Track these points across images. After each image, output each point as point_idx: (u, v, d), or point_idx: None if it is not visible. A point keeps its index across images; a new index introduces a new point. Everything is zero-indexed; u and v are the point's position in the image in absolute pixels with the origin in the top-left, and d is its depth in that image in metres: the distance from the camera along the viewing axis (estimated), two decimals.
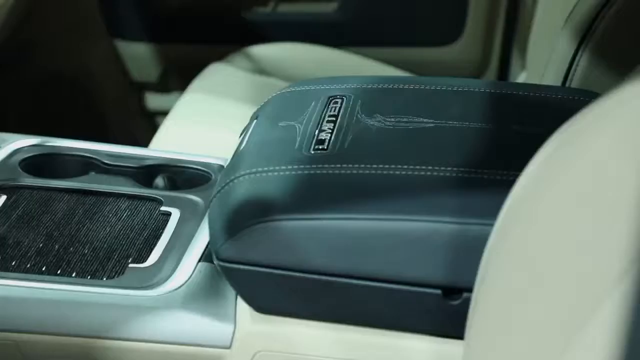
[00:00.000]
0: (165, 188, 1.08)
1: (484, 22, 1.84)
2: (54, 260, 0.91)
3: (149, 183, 1.08)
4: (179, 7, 1.92)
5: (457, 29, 1.84)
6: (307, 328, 0.84)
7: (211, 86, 1.64)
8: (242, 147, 0.92)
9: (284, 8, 1.91)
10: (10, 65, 1.90)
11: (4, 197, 0.99)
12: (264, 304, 0.84)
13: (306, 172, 0.84)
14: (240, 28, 1.91)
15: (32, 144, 1.11)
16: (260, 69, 1.74)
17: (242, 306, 0.86)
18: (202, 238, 0.95)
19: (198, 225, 0.97)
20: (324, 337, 0.84)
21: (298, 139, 0.89)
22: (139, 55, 1.95)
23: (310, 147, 0.87)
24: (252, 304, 0.85)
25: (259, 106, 1.55)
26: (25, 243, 0.93)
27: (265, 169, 0.85)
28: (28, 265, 0.90)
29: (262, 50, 1.78)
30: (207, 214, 0.98)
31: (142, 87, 1.99)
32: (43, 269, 0.90)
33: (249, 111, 1.62)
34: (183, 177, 1.10)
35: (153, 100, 2.01)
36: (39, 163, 1.09)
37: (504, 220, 0.66)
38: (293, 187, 0.83)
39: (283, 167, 0.85)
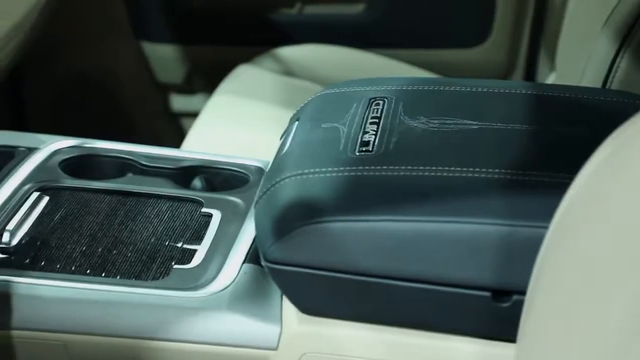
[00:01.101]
0: (203, 189, 1.09)
1: (511, 24, 1.84)
2: (98, 262, 0.92)
3: (186, 184, 1.09)
4: (204, 9, 1.93)
5: (485, 31, 1.84)
6: (354, 330, 0.84)
7: (240, 88, 1.65)
8: (285, 149, 0.92)
9: (309, 9, 1.91)
10: (36, 65, 1.92)
11: (46, 198, 0.99)
12: (311, 306, 0.85)
13: (352, 173, 0.84)
14: (266, 30, 1.92)
15: (71, 145, 1.12)
16: (288, 71, 1.74)
17: (288, 307, 0.86)
18: (245, 239, 0.95)
19: (240, 226, 0.97)
20: (371, 338, 0.84)
21: (342, 140, 0.90)
22: (164, 57, 1.95)
23: (355, 148, 0.88)
24: (299, 306, 0.85)
25: (298, 108, 1.56)
26: (70, 244, 0.94)
27: (311, 170, 0.86)
28: (73, 267, 0.91)
29: (290, 52, 1.79)
30: (248, 216, 0.99)
31: (167, 89, 2.00)
32: (88, 270, 0.91)
33: (279, 112, 1.64)
34: (220, 178, 1.11)
35: (178, 102, 2.02)
36: (78, 164, 1.09)
37: (560, 222, 0.66)
38: (340, 188, 0.83)
39: (329, 169, 0.85)
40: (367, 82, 1.04)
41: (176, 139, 2.10)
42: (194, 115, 2.09)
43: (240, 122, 1.53)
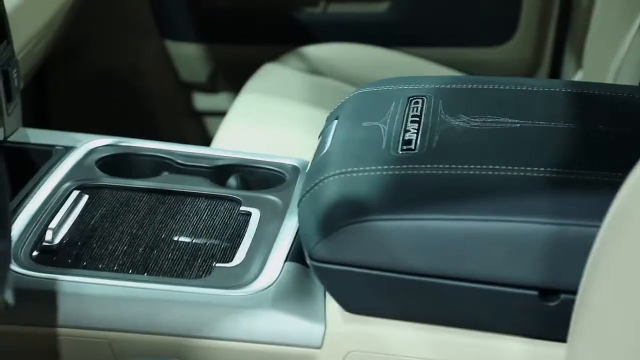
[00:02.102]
0: (238, 188, 1.09)
1: (537, 22, 1.84)
2: (141, 260, 0.92)
3: (222, 183, 1.09)
4: (228, 8, 1.93)
5: (510, 29, 1.84)
6: (399, 328, 0.84)
7: (267, 86, 1.65)
8: (326, 148, 0.92)
9: (334, 8, 1.91)
10: (61, 63, 1.93)
11: (85, 197, 0.99)
12: (356, 304, 0.85)
13: (397, 172, 0.84)
14: (290, 28, 1.92)
15: (106, 143, 1.12)
16: (314, 69, 1.74)
17: (332, 306, 0.87)
18: (285, 238, 0.95)
19: (279, 225, 0.97)
20: (416, 337, 0.84)
21: (384, 139, 0.90)
22: (188, 56, 1.96)
23: (397, 147, 0.88)
24: (344, 304, 0.85)
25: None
26: (111, 243, 0.94)
27: (355, 169, 0.86)
28: (116, 265, 0.91)
29: (315, 51, 1.79)
30: (287, 214, 0.99)
31: (191, 87, 2.01)
32: (131, 268, 0.91)
33: (307, 111, 1.65)
34: (255, 177, 1.11)
35: (201, 101, 2.03)
36: (114, 163, 1.10)
37: (613, 221, 0.65)
38: (385, 187, 0.83)
39: (373, 168, 0.85)
40: (403, 80, 1.04)
41: (199, 138, 2.11)
42: (217, 114, 2.10)
43: (269, 121, 1.53)
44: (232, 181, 1.11)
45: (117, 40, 1.96)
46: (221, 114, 2.05)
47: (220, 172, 1.09)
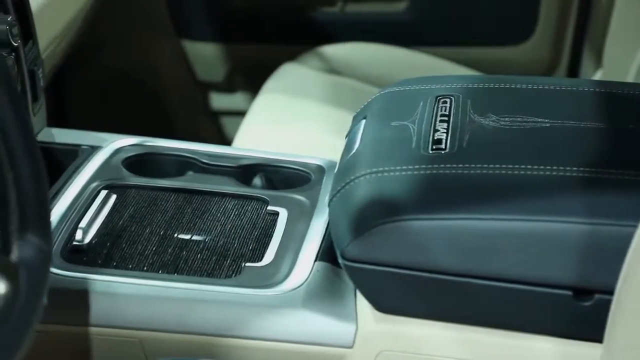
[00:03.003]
0: (263, 187, 1.09)
1: (555, 21, 1.84)
2: (171, 259, 0.92)
3: (246, 182, 1.09)
4: (245, 8, 1.93)
5: (529, 28, 1.84)
6: (431, 328, 0.84)
7: (286, 86, 1.65)
8: (356, 147, 0.92)
9: (352, 8, 1.91)
10: (78, 63, 1.93)
11: (114, 196, 1.00)
12: (388, 304, 0.85)
13: (428, 171, 0.84)
14: (307, 28, 1.92)
15: (132, 143, 1.12)
16: (333, 69, 1.74)
17: (363, 305, 0.87)
18: (314, 237, 0.95)
19: (307, 224, 0.97)
20: (448, 337, 0.84)
21: (414, 138, 0.90)
22: (205, 55, 1.96)
23: (428, 146, 0.88)
24: (375, 304, 0.85)
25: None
26: (141, 242, 0.94)
27: (386, 168, 0.86)
28: (146, 265, 0.92)
29: (334, 50, 1.79)
30: (314, 214, 0.99)
31: (208, 87, 2.01)
32: (161, 268, 0.91)
33: (327, 111, 1.65)
34: (280, 176, 1.11)
35: (218, 100, 2.03)
36: (140, 162, 1.10)
37: None
38: (417, 187, 0.83)
39: (404, 167, 0.85)
40: (429, 80, 1.04)
41: (216, 137, 2.11)
42: (234, 113, 2.10)
43: (289, 121, 1.53)
44: (257, 181, 1.11)
45: (134, 40, 1.96)
46: (238, 113, 2.05)
47: (245, 171, 1.09)
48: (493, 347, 0.83)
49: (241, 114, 2.02)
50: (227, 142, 2.03)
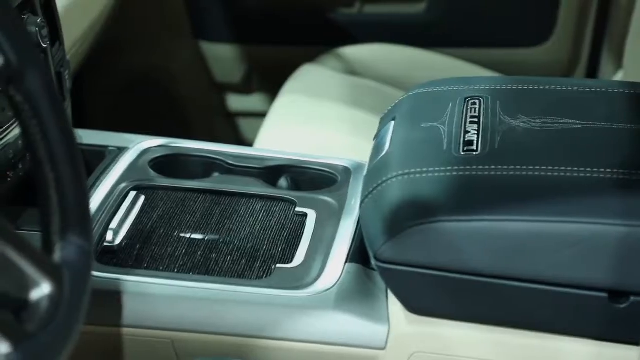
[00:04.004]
0: (289, 188, 1.09)
1: (575, 22, 1.83)
2: (201, 260, 0.93)
3: (272, 183, 1.09)
4: (263, 10, 1.93)
5: (548, 30, 1.83)
6: (465, 330, 0.84)
7: (306, 87, 1.65)
8: (386, 149, 0.92)
9: (370, 9, 1.91)
10: (96, 64, 1.93)
11: (142, 197, 1.00)
12: (420, 305, 0.84)
13: (461, 173, 0.84)
14: (325, 30, 1.92)
15: (159, 144, 1.13)
16: (352, 70, 1.74)
17: (395, 307, 0.86)
18: (343, 239, 0.95)
19: (336, 226, 0.97)
20: (481, 339, 0.84)
21: (445, 140, 0.90)
22: (223, 57, 1.96)
23: (459, 148, 0.88)
24: (408, 305, 0.85)
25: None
26: (171, 244, 0.95)
27: (418, 170, 0.86)
28: (177, 266, 0.92)
29: (353, 51, 1.79)
30: (343, 215, 0.99)
31: (225, 88, 2.01)
32: (192, 269, 0.91)
33: (348, 112, 1.64)
34: (306, 178, 1.11)
35: (235, 101, 2.03)
36: (166, 163, 1.10)
37: None
38: (451, 188, 0.83)
39: (436, 169, 0.85)
40: (457, 81, 1.04)
41: (233, 139, 2.11)
42: (251, 115, 2.11)
43: (310, 122, 1.53)
44: (282, 182, 1.11)
45: (152, 42, 1.97)
46: (255, 114, 2.06)
47: (271, 172, 1.09)
48: (526, 349, 0.83)
49: (258, 115, 2.03)
50: (245, 143, 2.03)
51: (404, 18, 1.90)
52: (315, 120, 1.54)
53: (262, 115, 1.95)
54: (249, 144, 1.90)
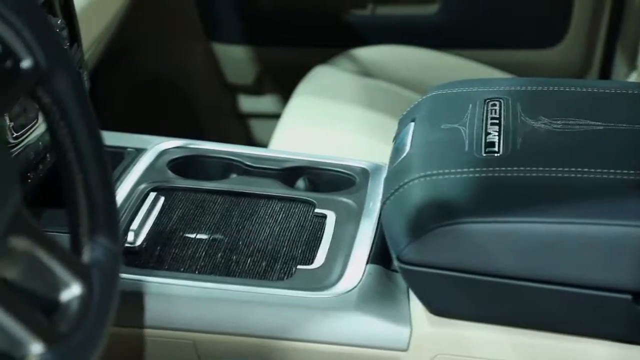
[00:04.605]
0: (307, 190, 1.09)
1: (588, 24, 1.83)
2: (222, 261, 0.93)
3: (290, 185, 1.09)
4: (275, 11, 1.93)
5: (561, 31, 1.83)
6: (488, 332, 0.84)
7: (320, 89, 1.65)
8: (407, 150, 0.92)
9: (383, 10, 1.91)
10: (109, 65, 1.94)
11: (162, 199, 1.00)
12: (443, 307, 0.84)
13: (483, 174, 0.84)
14: (337, 31, 1.92)
15: (176, 145, 1.13)
16: (365, 72, 1.74)
17: (417, 308, 0.86)
18: (364, 240, 0.95)
19: (356, 227, 0.97)
20: (503, 341, 0.84)
21: (466, 141, 0.89)
22: (235, 58, 1.97)
23: (481, 149, 0.88)
24: (430, 307, 0.85)
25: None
26: (192, 245, 0.95)
27: (440, 171, 0.85)
28: (198, 267, 0.92)
29: (366, 53, 1.79)
30: (362, 216, 0.99)
31: (237, 89, 2.01)
32: (213, 270, 0.91)
33: (361, 113, 1.64)
34: (324, 179, 1.11)
35: (247, 103, 2.03)
36: (184, 164, 1.10)
37: None
38: (473, 190, 0.83)
39: (458, 170, 0.85)
40: (476, 82, 1.04)
41: (245, 140, 2.12)
42: (263, 116, 2.11)
43: (324, 123, 1.53)
44: (300, 183, 1.11)
45: (165, 43, 1.97)
46: (267, 116, 2.06)
47: (289, 174, 1.09)
48: (549, 350, 0.83)
49: (270, 116, 2.03)
50: (256, 144, 2.03)
51: (417, 19, 1.90)
52: (329, 121, 1.54)
53: (273, 116, 1.95)
54: (261, 144, 1.90)
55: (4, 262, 0.55)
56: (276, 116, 1.73)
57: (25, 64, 0.61)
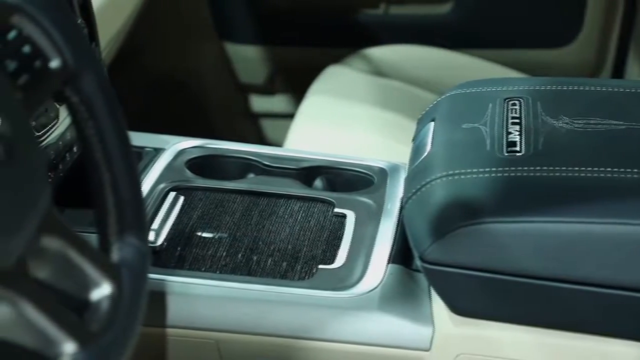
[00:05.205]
0: (325, 189, 1.09)
1: (601, 23, 1.83)
2: (243, 261, 0.93)
3: (308, 184, 1.09)
4: (287, 11, 1.93)
5: (574, 30, 1.83)
6: (509, 331, 0.84)
7: (334, 88, 1.65)
8: (428, 150, 0.92)
9: (395, 10, 1.91)
10: (120, 65, 1.94)
11: (182, 198, 1.00)
12: (466, 307, 0.84)
13: (506, 174, 0.84)
14: (349, 31, 1.92)
15: (194, 145, 1.13)
16: (379, 71, 1.74)
17: (439, 308, 0.86)
18: (384, 240, 0.95)
19: (376, 227, 0.97)
20: (527, 341, 0.83)
21: (487, 141, 0.89)
22: (247, 58, 1.97)
23: (502, 149, 0.87)
24: (453, 306, 0.85)
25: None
26: (212, 244, 0.95)
27: (462, 171, 0.85)
28: (219, 267, 0.92)
29: (379, 53, 1.79)
30: (382, 216, 0.99)
31: (249, 89, 2.01)
32: (234, 270, 0.91)
33: (376, 113, 1.64)
34: (342, 179, 1.11)
35: (259, 103, 2.03)
36: (203, 164, 1.10)
37: None
38: (496, 189, 0.83)
39: (480, 170, 0.85)
40: (494, 82, 1.03)
41: (256, 140, 2.12)
42: (275, 116, 2.11)
43: (339, 123, 1.53)
44: (317, 183, 1.11)
45: (176, 43, 1.97)
46: (279, 115, 2.06)
47: (307, 173, 1.09)
48: (573, 350, 0.83)
49: (282, 116, 2.03)
50: (268, 144, 2.03)
51: (429, 19, 1.90)
52: (344, 121, 1.54)
53: (285, 116, 1.95)
54: (273, 144, 1.90)
55: (36, 262, 0.55)
56: (288, 116, 1.73)
57: (54, 63, 0.61)
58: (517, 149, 0.87)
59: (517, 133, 0.89)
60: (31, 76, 0.60)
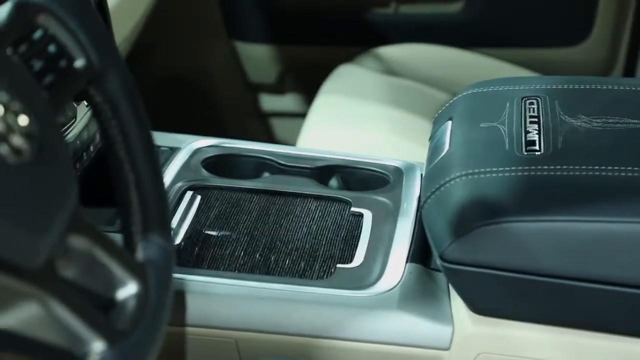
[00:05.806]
0: (340, 188, 1.09)
1: (613, 22, 1.82)
2: (261, 260, 0.93)
3: (323, 183, 1.09)
4: (297, 10, 1.93)
5: (586, 29, 1.83)
6: (530, 331, 0.84)
7: (345, 87, 1.65)
8: (446, 149, 0.92)
9: (407, 9, 1.91)
10: (131, 64, 1.93)
11: (199, 197, 1.00)
12: (486, 306, 0.84)
13: (525, 173, 0.84)
14: (359, 30, 1.92)
15: (210, 144, 1.13)
16: (390, 70, 1.74)
17: (458, 307, 0.86)
18: (402, 239, 0.95)
19: (393, 226, 0.97)
20: (548, 340, 0.83)
21: (506, 140, 0.89)
22: (257, 57, 1.97)
23: (521, 148, 0.87)
24: (473, 306, 0.85)
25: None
26: (230, 243, 0.95)
27: (481, 170, 0.85)
28: (237, 266, 0.92)
29: (390, 52, 1.78)
30: (399, 215, 0.99)
31: (259, 88, 2.01)
32: (253, 269, 0.92)
33: (388, 111, 1.64)
34: (357, 178, 1.11)
35: (269, 102, 2.03)
36: (218, 163, 1.11)
37: None
38: (516, 188, 0.83)
39: (500, 169, 0.85)
40: (511, 81, 1.03)
41: (266, 139, 2.12)
42: (285, 115, 2.11)
43: (351, 122, 1.53)
44: (333, 182, 1.11)
45: (187, 42, 1.97)
46: (289, 115, 2.06)
47: (322, 172, 1.09)
48: (597, 351, 0.83)
49: (292, 115, 2.03)
50: (280, 143, 2.03)
51: (441, 18, 1.90)
52: (356, 120, 1.54)
53: (296, 115, 1.95)
54: (284, 143, 1.89)
55: (64, 261, 0.55)
56: (299, 115, 1.73)
57: (79, 63, 0.61)
58: (536, 147, 0.87)
59: (536, 132, 0.89)
60: (56, 76, 0.60)
